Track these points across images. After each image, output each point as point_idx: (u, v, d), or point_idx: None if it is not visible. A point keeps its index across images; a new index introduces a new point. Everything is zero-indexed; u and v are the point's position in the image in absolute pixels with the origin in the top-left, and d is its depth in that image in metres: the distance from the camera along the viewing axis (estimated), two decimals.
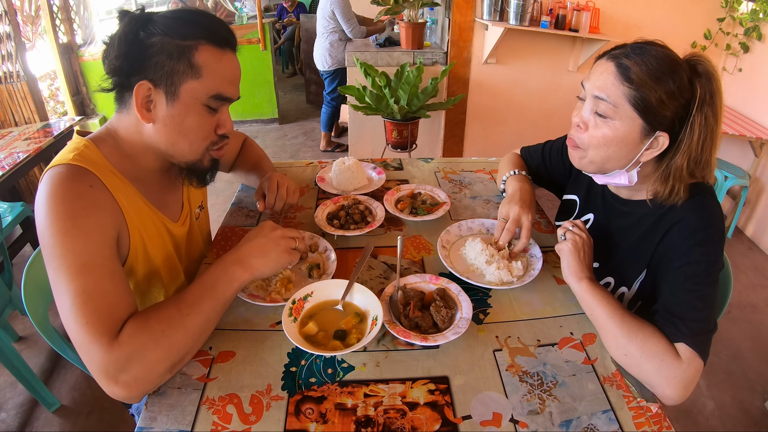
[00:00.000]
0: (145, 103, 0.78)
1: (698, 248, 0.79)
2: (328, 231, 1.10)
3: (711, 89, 0.77)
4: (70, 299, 0.68)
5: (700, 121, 0.77)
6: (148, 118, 0.80)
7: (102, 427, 1.64)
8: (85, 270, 0.69)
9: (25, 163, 2.13)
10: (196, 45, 0.77)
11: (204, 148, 0.86)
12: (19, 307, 1.79)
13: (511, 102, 3.07)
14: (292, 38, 6.38)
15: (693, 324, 0.74)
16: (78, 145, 0.80)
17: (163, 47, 0.76)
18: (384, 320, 0.81)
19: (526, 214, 1.01)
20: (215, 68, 0.79)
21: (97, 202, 0.76)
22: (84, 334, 0.67)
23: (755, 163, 2.65)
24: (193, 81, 0.78)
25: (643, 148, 0.82)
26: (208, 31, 0.79)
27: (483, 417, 0.69)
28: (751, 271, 2.54)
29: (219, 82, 0.80)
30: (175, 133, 0.81)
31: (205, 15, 0.81)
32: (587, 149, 0.86)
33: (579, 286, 0.84)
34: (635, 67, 0.78)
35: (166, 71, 0.76)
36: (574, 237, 0.87)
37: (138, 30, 0.77)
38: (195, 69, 0.77)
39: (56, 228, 0.70)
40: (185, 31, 0.77)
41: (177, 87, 0.77)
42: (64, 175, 0.74)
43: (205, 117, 0.82)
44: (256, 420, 0.68)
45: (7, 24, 2.79)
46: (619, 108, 0.80)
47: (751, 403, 1.76)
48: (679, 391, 0.71)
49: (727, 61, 2.94)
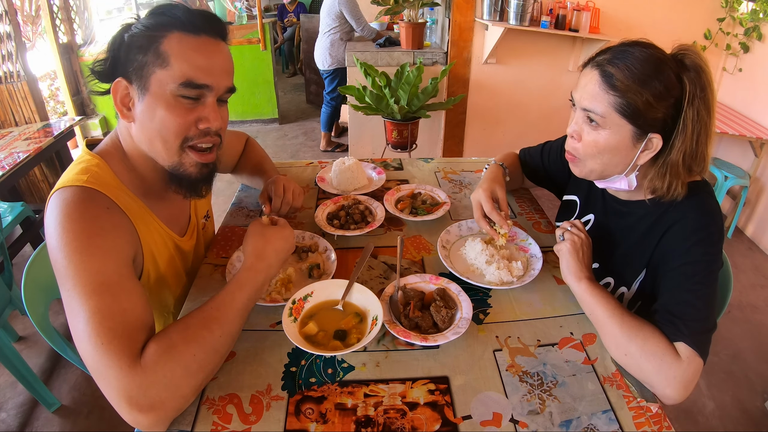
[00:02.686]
0: (125, 101, 0.77)
1: (697, 247, 0.79)
2: (328, 231, 1.10)
3: (701, 82, 0.76)
4: (85, 319, 0.63)
5: (692, 117, 0.77)
6: (128, 117, 0.78)
7: (102, 427, 1.64)
8: (102, 289, 0.66)
9: (26, 163, 2.13)
10: (165, 34, 0.74)
11: (179, 145, 0.78)
12: (19, 307, 1.79)
13: (511, 102, 3.07)
14: (293, 38, 6.38)
15: (693, 323, 0.74)
16: (90, 166, 0.78)
17: (134, 41, 0.75)
18: (384, 320, 0.81)
19: (494, 188, 1.03)
20: (184, 54, 0.74)
21: (114, 224, 0.74)
22: (101, 356, 0.62)
23: (755, 163, 2.65)
24: (161, 70, 0.74)
25: (638, 152, 0.82)
26: (177, 19, 0.75)
27: (483, 417, 0.69)
28: (751, 271, 2.54)
29: (188, 67, 0.74)
30: (149, 129, 0.77)
31: (177, 5, 0.77)
32: (584, 159, 0.87)
33: (578, 286, 0.84)
34: (619, 73, 0.77)
35: (138, 65, 0.74)
36: (572, 237, 0.87)
37: (123, 34, 0.76)
38: (162, 57, 0.73)
39: (72, 247, 0.67)
40: (155, 22, 0.75)
41: (147, 80, 0.74)
42: (79, 197, 0.72)
43: (180, 108, 0.76)
44: (256, 420, 0.68)
45: (7, 24, 2.79)
46: (608, 117, 0.80)
47: (751, 403, 1.75)
48: (679, 390, 0.71)
49: (727, 61, 2.94)
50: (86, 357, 0.63)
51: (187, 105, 0.76)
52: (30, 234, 2.33)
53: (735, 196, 2.82)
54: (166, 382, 0.63)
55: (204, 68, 0.76)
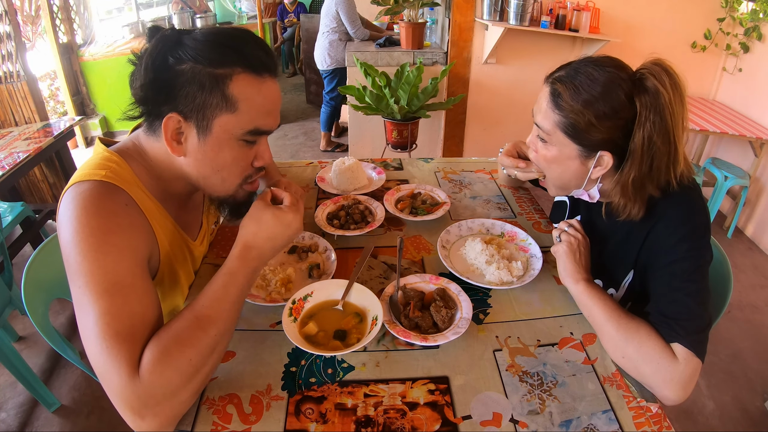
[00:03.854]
0: (175, 135, 0.73)
1: (682, 244, 0.78)
2: (328, 231, 1.10)
3: (657, 105, 0.73)
4: (94, 319, 0.62)
5: (641, 140, 0.75)
6: (179, 151, 0.74)
7: (102, 427, 1.64)
8: (114, 289, 0.64)
9: (25, 163, 2.13)
10: (231, 74, 0.69)
11: (238, 184, 0.80)
12: (19, 307, 1.78)
13: (511, 102, 3.07)
14: (293, 38, 6.38)
15: (687, 323, 0.73)
16: (109, 162, 0.75)
17: (194, 77, 0.69)
18: (384, 320, 0.81)
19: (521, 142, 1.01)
20: (252, 100, 0.71)
21: (132, 222, 0.72)
22: (105, 358, 0.61)
23: (755, 163, 2.65)
24: (228, 115, 0.71)
25: (591, 167, 0.82)
26: (244, 57, 0.70)
27: (483, 417, 0.69)
28: (751, 271, 2.54)
29: (256, 115, 0.73)
30: (207, 168, 0.76)
31: (240, 36, 0.72)
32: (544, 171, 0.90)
33: (576, 288, 0.84)
34: (565, 92, 0.78)
35: (198, 104, 0.70)
36: (569, 238, 0.87)
37: (167, 55, 0.70)
38: (230, 102, 0.70)
39: (87, 243, 0.65)
40: (218, 58, 0.69)
41: (210, 121, 0.71)
42: (97, 191, 0.70)
43: (241, 151, 0.75)
44: (256, 420, 0.68)
45: (7, 24, 2.79)
46: (552, 135, 0.82)
47: (751, 403, 1.76)
48: (677, 392, 0.70)
49: (727, 61, 2.94)
50: (91, 355, 0.63)
51: (247, 147, 0.76)
52: (30, 234, 2.33)
53: (735, 196, 2.82)
54: (163, 392, 0.62)
55: (270, 114, 0.75)
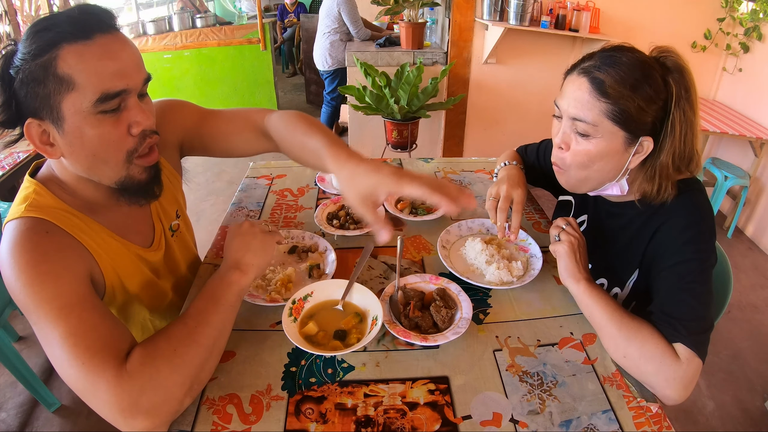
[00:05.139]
0: (44, 139, 0.70)
1: (689, 246, 0.78)
2: (328, 231, 1.10)
3: (685, 83, 0.77)
4: (59, 345, 0.62)
5: (679, 117, 0.77)
6: (54, 154, 0.71)
7: (102, 427, 1.62)
8: (65, 312, 0.64)
9: (25, 163, 2.13)
10: (56, 53, 0.64)
11: (124, 160, 0.74)
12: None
13: (511, 102, 3.07)
14: (293, 38, 6.38)
15: (690, 323, 0.73)
16: (28, 194, 0.75)
17: (28, 76, 0.65)
18: (384, 320, 0.81)
19: (515, 190, 0.98)
20: (86, 67, 0.65)
21: (58, 246, 0.71)
22: (84, 374, 0.60)
23: (755, 163, 2.65)
24: (70, 94, 0.66)
25: (630, 156, 0.81)
26: (60, 31, 0.65)
27: (483, 417, 0.69)
28: (751, 271, 2.54)
29: (97, 80, 0.66)
30: (84, 158, 0.71)
31: (59, 13, 0.68)
32: (571, 169, 0.85)
33: (577, 288, 0.84)
34: (609, 79, 0.76)
35: (41, 98, 0.66)
36: (569, 238, 0.86)
37: (7, 70, 0.67)
38: (64, 81, 0.65)
39: (22, 280, 0.65)
40: (39, 45, 0.65)
41: (58, 109, 0.67)
42: (19, 228, 0.70)
43: (106, 124, 0.69)
44: (256, 420, 0.68)
45: (7, 24, 2.79)
46: (599, 126, 0.78)
47: (751, 403, 1.76)
48: (679, 391, 0.71)
49: (727, 61, 2.93)
50: (71, 382, 0.62)
51: (112, 117, 0.70)
52: None
53: (735, 196, 2.82)
54: (154, 383, 0.62)
55: (114, 74, 0.68)
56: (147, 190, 0.80)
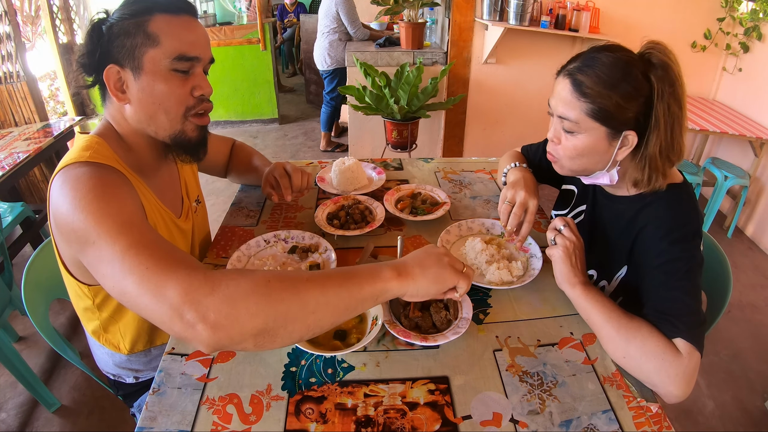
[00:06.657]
0: (118, 85, 0.80)
1: (675, 245, 0.81)
2: (328, 231, 1.10)
3: (669, 78, 0.79)
4: (119, 258, 0.60)
5: (663, 111, 0.80)
6: (124, 99, 0.81)
7: (102, 427, 1.64)
8: (127, 227, 0.64)
9: (25, 164, 2.13)
10: (150, 17, 0.79)
11: (182, 114, 0.84)
12: (19, 307, 1.78)
13: (511, 102, 3.07)
14: (292, 38, 6.38)
15: (686, 318, 0.74)
16: (91, 143, 0.80)
17: (121, 30, 0.78)
18: (384, 320, 0.81)
19: (531, 199, 1.01)
20: (171, 31, 0.79)
21: (122, 181, 0.76)
22: (149, 276, 0.58)
23: (755, 163, 2.65)
24: (153, 49, 0.78)
25: (615, 149, 0.85)
26: (159, 2, 0.80)
27: (483, 417, 0.69)
28: (751, 271, 2.54)
29: (178, 43, 0.80)
30: (150, 105, 0.81)
31: None
32: (563, 160, 0.91)
33: (573, 292, 0.84)
34: (588, 80, 0.81)
35: (128, 49, 0.78)
36: (564, 242, 0.87)
37: (100, 26, 0.80)
38: (152, 37, 0.78)
39: (87, 200, 0.67)
40: (138, 9, 0.79)
41: (139, 60, 0.79)
42: (86, 171, 0.72)
43: (176, 81, 0.81)
44: (256, 420, 0.68)
45: (7, 24, 2.79)
46: (581, 123, 0.83)
47: (751, 403, 1.75)
48: (682, 387, 0.71)
49: (727, 61, 2.94)
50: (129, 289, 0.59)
51: (181, 77, 0.82)
52: (30, 234, 2.33)
53: (735, 196, 2.82)
54: (230, 295, 0.56)
55: (192, 42, 0.82)
56: (195, 149, 0.89)
